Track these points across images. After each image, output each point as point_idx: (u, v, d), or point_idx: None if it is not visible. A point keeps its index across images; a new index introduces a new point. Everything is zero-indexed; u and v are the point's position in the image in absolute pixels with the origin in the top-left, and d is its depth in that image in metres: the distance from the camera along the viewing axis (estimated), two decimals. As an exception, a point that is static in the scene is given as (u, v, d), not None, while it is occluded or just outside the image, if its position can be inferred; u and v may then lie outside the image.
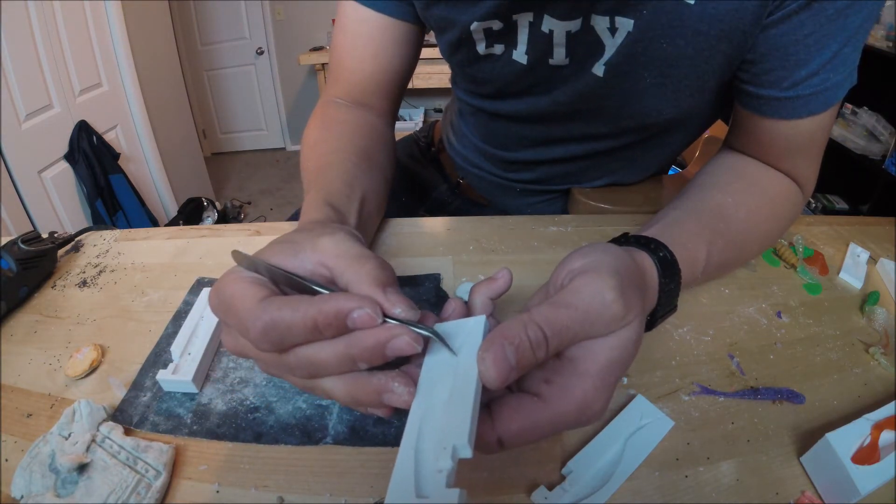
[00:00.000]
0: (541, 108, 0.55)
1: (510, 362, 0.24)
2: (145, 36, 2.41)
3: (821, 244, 0.56)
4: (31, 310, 0.48)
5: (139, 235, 0.58)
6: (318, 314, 0.24)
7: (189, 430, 0.36)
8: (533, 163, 0.65)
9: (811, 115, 0.43)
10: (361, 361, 0.25)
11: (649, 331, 0.37)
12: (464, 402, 0.24)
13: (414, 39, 0.58)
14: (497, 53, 0.51)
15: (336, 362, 0.25)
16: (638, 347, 0.28)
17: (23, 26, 1.75)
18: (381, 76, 0.58)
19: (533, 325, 0.25)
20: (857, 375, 0.40)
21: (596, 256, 0.30)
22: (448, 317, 0.30)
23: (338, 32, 0.58)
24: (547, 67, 0.50)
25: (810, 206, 2.30)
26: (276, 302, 0.25)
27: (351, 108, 0.57)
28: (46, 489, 0.31)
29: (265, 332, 0.24)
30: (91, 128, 2.08)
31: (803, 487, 0.32)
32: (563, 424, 0.26)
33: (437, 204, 0.78)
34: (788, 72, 0.41)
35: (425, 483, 0.23)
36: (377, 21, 0.55)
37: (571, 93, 0.51)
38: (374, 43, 0.56)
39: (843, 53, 0.40)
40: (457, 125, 0.73)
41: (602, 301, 0.26)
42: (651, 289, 0.34)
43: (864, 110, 2.07)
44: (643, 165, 0.65)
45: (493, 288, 0.32)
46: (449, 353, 0.27)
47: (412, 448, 0.24)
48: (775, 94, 0.43)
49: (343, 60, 0.58)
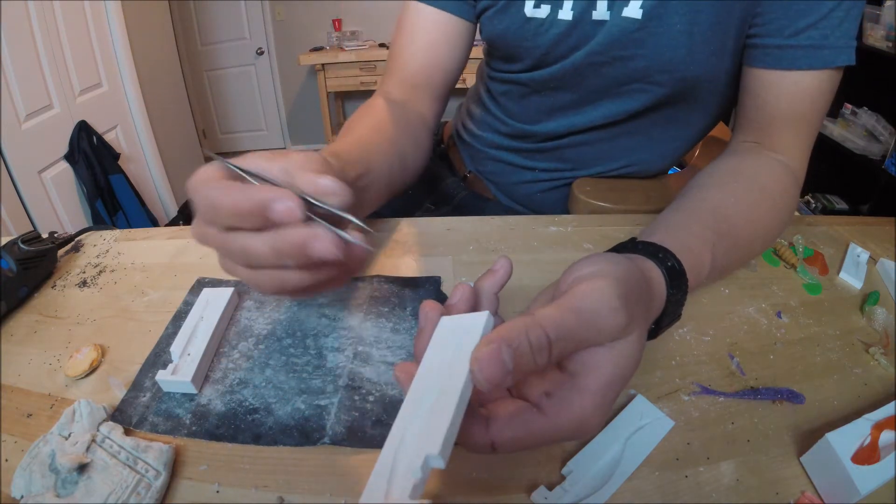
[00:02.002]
0: (577, 63, 0.57)
1: (506, 366, 0.23)
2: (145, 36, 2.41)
3: (821, 244, 0.56)
4: (31, 310, 0.48)
5: (139, 235, 0.58)
6: (240, 199, 0.27)
7: (188, 431, 0.36)
8: (556, 135, 0.66)
9: (811, 68, 0.48)
10: (287, 257, 0.27)
11: (653, 339, 0.37)
12: (445, 409, 0.23)
13: (465, 38, 0.62)
14: (542, 16, 0.55)
15: (266, 252, 0.28)
16: (638, 363, 0.28)
17: (23, 26, 1.75)
18: (432, 70, 0.62)
19: (536, 327, 0.24)
20: (857, 375, 0.40)
21: (603, 265, 0.29)
22: (456, 303, 0.30)
23: (396, 31, 0.62)
24: (589, 23, 0.54)
25: (810, 207, 2.30)
26: (214, 183, 0.29)
27: (396, 104, 0.60)
28: (46, 489, 0.31)
29: (202, 209, 0.28)
30: (91, 128, 2.08)
31: (803, 487, 0.32)
32: (559, 437, 0.26)
33: (443, 196, 0.79)
34: (790, 20, 0.48)
35: (397, 489, 0.22)
36: (432, 16, 0.60)
37: (606, 41, 0.54)
38: (427, 36, 0.61)
39: (836, 15, 0.46)
40: (478, 113, 0.75)
41: (609, 307, 0.26)
42: (657, 298, 0.34)
43: (864, 110, 2.07)
44: (657, 148, 0.66)
45: (494, 280, 0.31)
46: (451, 352, 0.26)
47: (394, 450, 0.24)
48: (778, 41, 0.49)
49: (397, 55, 0.62)
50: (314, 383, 0.39)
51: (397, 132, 0.55)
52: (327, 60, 3.27)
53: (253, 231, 0.28)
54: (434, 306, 0.30)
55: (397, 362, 0.29)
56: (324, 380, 0.39)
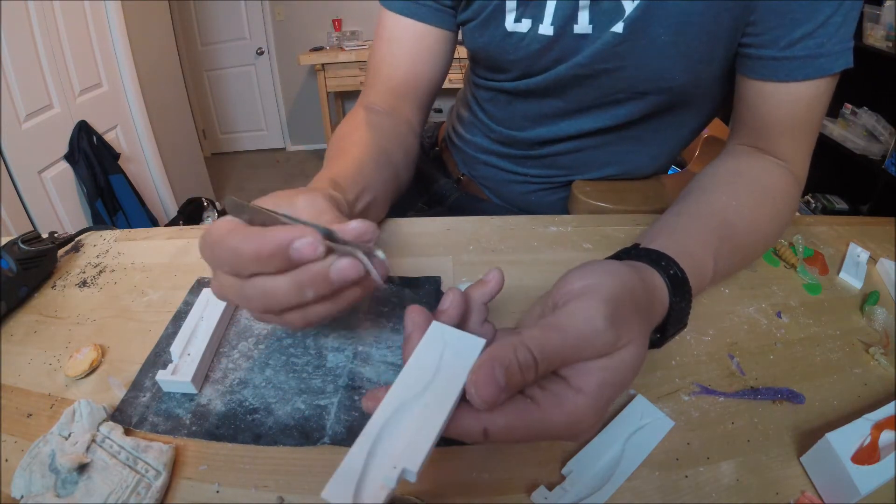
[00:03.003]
0: (560, 74, 0.56)
1: (500, 383, 0.25)
2: (145, 36, 2.41)
3: (821, 244, 0.56)
4: (31, 310, 0.48)
5: (139, 235, 0.58)
6: (261, 243, 0.27)
7: (188, 431, 0.36)
8: (545, 142, 0.66)
9: (807, 78, 0.47)
10: (309, 288, 0.28)
11: (658, 347, 0.37)
12: (431, 425, 0.24)
13: (447, 47, 0.61)
14: (523, 31, 0.54)
15: (286, 290, 0.28)
16: (636, 368, 0.28)
17: (23, 26, 1.75)
18: (415, 81, 0.61)
19: (523, 348, 0.26)
20: (857, 375, 0.40)
21: (595, 279, 0.30)
22: (446, 309, 0.30)
23: (375, 41, 0.61)
24: (571, 37, 0.53)
25: (810, 207, 2.30)
26: (239, 232, 0.28)
27: (381, 114, 0.59)
28: (46, 489, 0.31)
29: (223, 260, 0.28)
30: (91, 128, 2.07)
31: (803, 487, 0.32)
32: (551, 432, 0.26)
33: (437, 197, 0.78)
34: (785, 31, 0.45)
35: (366, 490, 0.22)
36: (412, 28, 0.58)
37: (591, 54, 0.53)
38: (409, 50, 0.59)
39: (834, 21, 0.44)
40: (467, 117, 0.74)
41: (593, 328, 0.27)
42: (659, 307, 0.34)
43: (864, 110, 2.07)
44: (650, 152, 0.66)
45: (485, 291, 0.32)
46: (438, 357, 0.27)
47: (367, 448, 0.24)
48: (773, 53, 0.47)
49: (379, 67, 0.61)
50: (314, 383, 0.39)
51: (390, 145, 0.55)
52: (327, 60, 3.27)
53: (273, 274, 0.28)
54: (420, 311, 0.30)
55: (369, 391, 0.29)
56: (324, 380, 0.39)
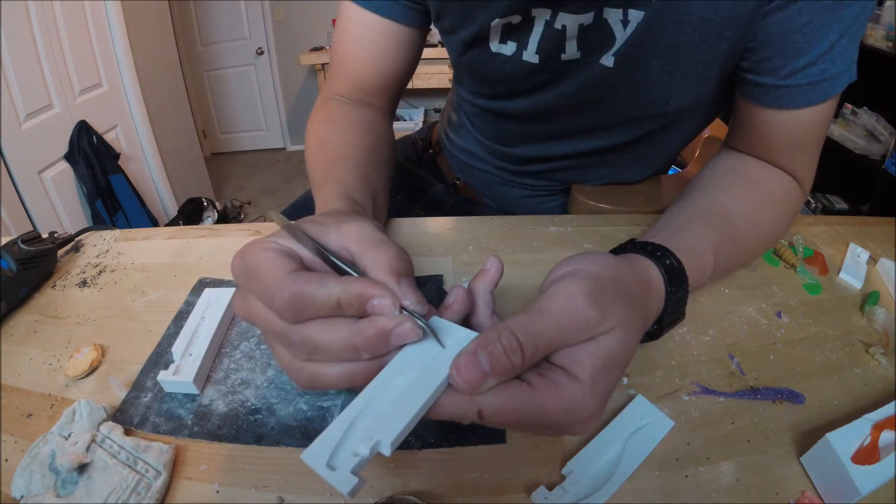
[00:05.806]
0: (548, 102, 0.55)
1: (482, 367, 0.25)
2: (145, 36, 2.41)
3: (821, 244, 0.56)
4: (31, 310, 0.48)
5: (139, 235, 0.58)
6: (343, 293, 0.26)
7: (190, 432, 0.36)
8: (538, 159, 0.65)
9: (809, 105, 0.44)
10: (364, 350, 0.26)
11: (656, 339, 0.37)
12: (413, 403, 0.25)
13: (416, 43, 0.59)
14: (507, 54, 0.51)
15: (338, 347, 0.26)
16: (628, 356, 0.28)
17: (23, 26, 1.75)
18: (384, 78, 0.59)
19: (507, 331, 0.26)
20: (857, 375, 0.40)
21: (578, 265, 0.30)
22: (451, 305, 0.30)
23: (340, 33, 0.58)
24: (558, 63, 0.50)
25: (810, 206, 2.30)
26: (305, 276, 0.27)
27: (353, 106, 0.58)
28: (46, 489, 0.31)
29: (291, 302, 0.26)
30: (91, 128, 2.07)
31: (803, 487, 0.32)
32: (547, 419, 0.26)
33: (433, 203, 0.78)
34: (787, 60, 0.43)
35: (340, 458, 0.23)
36: (380, 25, 0.55)
37: (580, 84, 0.51)
38: (377, 47, 0.57)
39: (840, 45, 0.41)
40: (456, 122, 0.73)
41: (574, 305, 0.27)
42: (656, 296, 0.34)
43: (864, 110, 2.07)
44: (646, 163, 0.65)
45: (487, 280, 0.32)
46: (430, 346, 0.27)
47: (351, 418, 0.25)
48: (774, 81, 0.44)
49: (345, 62, 0.58)
50: (314, 383, 0.39)
51: (375, 140, 0.54)
52: (327, 60, 3.26)
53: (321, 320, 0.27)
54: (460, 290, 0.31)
55: None
56: (324, 380, 0.39)
